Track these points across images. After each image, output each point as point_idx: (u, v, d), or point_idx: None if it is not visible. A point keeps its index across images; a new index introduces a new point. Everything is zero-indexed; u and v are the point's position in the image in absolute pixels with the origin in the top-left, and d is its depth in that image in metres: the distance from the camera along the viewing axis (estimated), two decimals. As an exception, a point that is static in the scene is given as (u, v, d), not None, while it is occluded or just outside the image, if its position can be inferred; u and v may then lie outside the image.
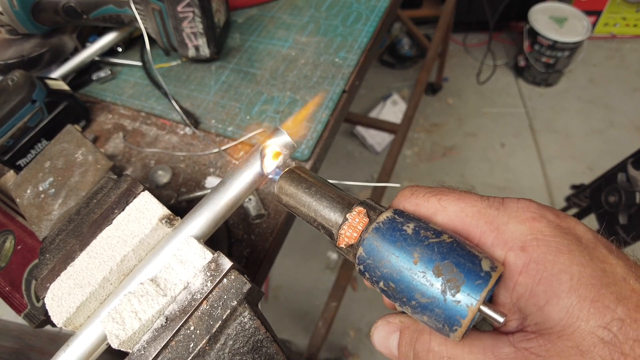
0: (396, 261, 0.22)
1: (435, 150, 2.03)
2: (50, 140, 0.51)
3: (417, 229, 0.23)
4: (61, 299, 0.29)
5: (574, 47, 1.95)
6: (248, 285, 0.26)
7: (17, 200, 0.46)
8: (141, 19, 0.66)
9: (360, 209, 0.26)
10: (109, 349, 0.29)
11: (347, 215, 0.26)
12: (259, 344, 0.25)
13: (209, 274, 0.26)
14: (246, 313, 0.25)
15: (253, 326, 0.25)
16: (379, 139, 2.02)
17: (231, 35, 0.76)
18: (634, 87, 2.13)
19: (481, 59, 2.19)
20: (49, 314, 0.29)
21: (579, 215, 0.92)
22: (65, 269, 0.30)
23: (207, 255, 0.28)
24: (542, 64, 2.05)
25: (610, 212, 0.73)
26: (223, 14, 0.71)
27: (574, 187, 1.38)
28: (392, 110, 2.06)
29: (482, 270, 0.21)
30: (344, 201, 0.27)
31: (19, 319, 0.51)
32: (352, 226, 0.25)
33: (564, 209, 1.43)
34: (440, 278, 0.21)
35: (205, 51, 0.68)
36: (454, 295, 0.20)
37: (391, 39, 2.31)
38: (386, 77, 2.33)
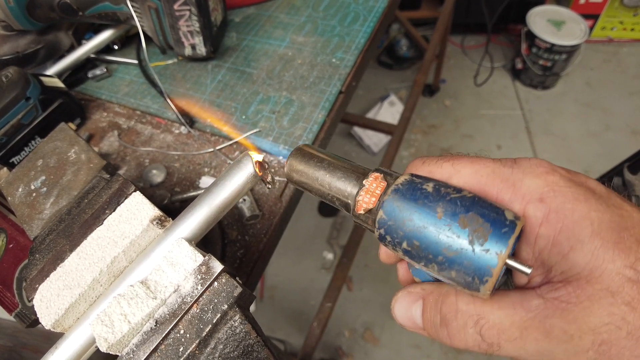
0: (419, 218, 0.22)
1: (432, 151, 2.03)
2: (44, 138, 0.50)
3: (437, 187, 0.23)
4: (50, 300, 0.29)
5: (571, 51, 1.95)
6: (239, 289, 0.25)
7: (9, 198, 0.45)
8: (137, 16, 0.65)
9: (377, 174, 0.25)
10: (99, 351, 0.28)
11: (363, 182, 0.25)
12: (249, 349, 0.25)
13: (199, 277, 0.26)
14: (237, 317, 0.25)
15: (244, 330, 0.25)
16: (375, 140, 2.02)
17: (228, 34, 0.75)
18: (631, 91, 2.14)
19: (479, 60, 2.19)
20: (38, 315, 0.28)
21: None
22: (54, 269, 0.30)
23: (198, 257, 0.27)
24: (540, 67, 2.06)
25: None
26: (220, 13, 0.71)
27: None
28: (390, 111, 2.06)
29: (507, 219, 0.21)
30: (358, 170, 0.26)
31: (11, 317, 0.51)
32: (369, 191, 0.25)
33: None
34: (467, 229, 0.21)
35: (201, 50, 0.68)
36: (482, 244, 0.20)
37: (389, 40, 2.31)
38: (384, 78, 2.33)
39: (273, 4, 0.79)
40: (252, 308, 1.75)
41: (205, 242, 0.49)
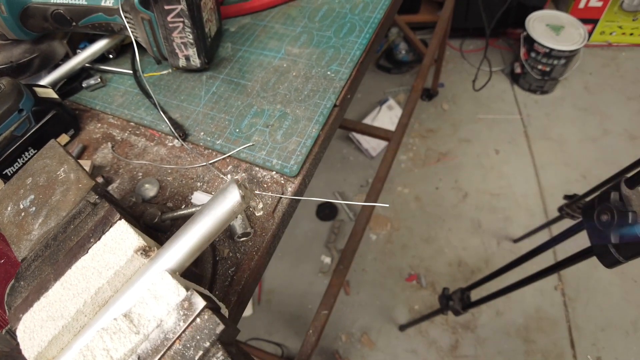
0: None
1: (430, 155, 2.03)
2: (37, 150, 0.50)
3: None
4: (33, 331, 0.28)
5: (570, 55, 1.95)
6: (221, 327, 0.25)
7: (-2, 216, 0.45)
8: (131, 27, 0.65)
9: None
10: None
11: None
12: (232, 385, 0.25)
13: (181, 313, 0.26)
14: (219, 354, 0.25)
15: (226, 367, 0.25)
16: (374, 144, 2.02)
17: (223, 44, 0.75)
18: (629, 96, 2.14)
19: (478, 65, 2.19)
20: (21, 347, 0.28)
21: (574, 229, 0.92)
22: (38, 299, 0.30)
23: (180, 292, 0.27)
24: (538, 72, 2.05)
25: (603, 231, 0.73)
26: (214, 24, 0.70)
27: (566, 197, 1.38)
28: (388, 115, 2.06)
29: None
30: None
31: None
32: None
33: (557, 219, 1.43)
34: None
35: (195, 61, 0.68)
36: None
37: (388, 44, 2.31)
38: (382, 81, 2.33)
39: (269, 14, 0.79)
40: (249, 312, 1.74)
41: (195, 260, 0.49)
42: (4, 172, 0.64)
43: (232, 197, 0.30)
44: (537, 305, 1.63)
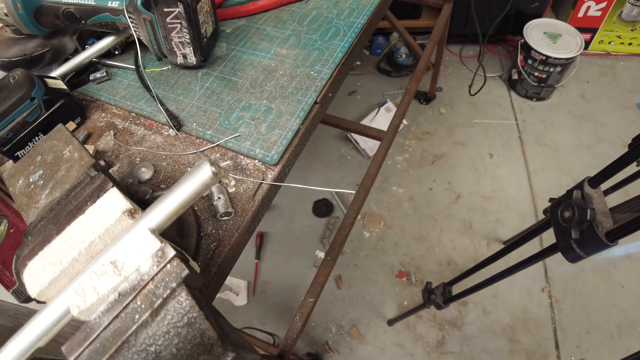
0: None
1: (425, 157, 2.08)
2: (46, 135, 0.57)
3: None
4: (36, 275, 0.35)
5: (566, 63, 1.99)
6: (186, 271, 0.31)
7: (10, 189, 0.52)
8: (134, 27, 0.72)
9: None
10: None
11: None
12: (192, 320, 0.31)
13: (155, 260, 0.32)
14: (183, 294, 0.31)
15: (189, 305, 0.31)
16: (371, 144, 2.07)
17: (218, 44, 0.82)
18: (625, 105, 2.17)
19: (476, 70, 2.24)
20: (26, 286, 0.34)
21: (545, 226, 0.97)
22: (42, 249, 0.36)
23: (156, 244, 0.33)
24: (535, 78, 2.10)
25: (565, 226, 0.79)
26: (210, 25, 0.77)
27: (552, 199, 1.43)
28: (386, 117, 2.12)
29: None
30: None
31: (11, 298, 0.57)
32: None
33: (543, 221, 1.47)
34: None
35: (192, 59, 0.74)
36: None
37: (389, 48, 2.36)
38: (382, 84, 2.39)
39: (262, 17, 0.85)
40: (244, 302, 1.80)
41: (181, 234, 0.55)
42: (15, 155, 0.71)
43: (204, 172, 0.36)
44: (523, 306, 1.67)
